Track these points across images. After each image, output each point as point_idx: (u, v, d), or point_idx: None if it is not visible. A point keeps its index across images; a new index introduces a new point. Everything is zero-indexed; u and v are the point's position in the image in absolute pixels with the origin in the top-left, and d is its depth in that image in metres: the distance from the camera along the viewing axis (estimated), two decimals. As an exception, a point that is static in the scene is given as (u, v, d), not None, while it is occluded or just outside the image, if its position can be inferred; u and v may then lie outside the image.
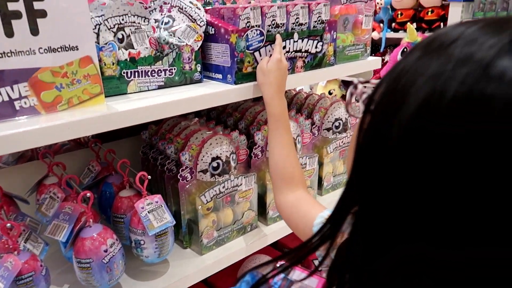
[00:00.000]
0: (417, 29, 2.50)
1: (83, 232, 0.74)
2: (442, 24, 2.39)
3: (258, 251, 1.04)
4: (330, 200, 1.19)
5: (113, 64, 0.79)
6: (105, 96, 0.76)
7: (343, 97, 2.82)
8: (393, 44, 2.94)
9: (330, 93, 2.69)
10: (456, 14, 2.18)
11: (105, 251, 0.73)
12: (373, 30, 2.69)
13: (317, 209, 0.71)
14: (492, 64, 0.29)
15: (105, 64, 0.78)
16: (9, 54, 0.62)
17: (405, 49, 2.50)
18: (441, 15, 2.33)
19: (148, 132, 1.06)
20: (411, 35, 2.43)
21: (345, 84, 3.12)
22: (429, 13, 2.37)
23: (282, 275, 0.56)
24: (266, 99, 0.85)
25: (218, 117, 1.20)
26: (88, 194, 0.73)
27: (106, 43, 0.80)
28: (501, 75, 0.28)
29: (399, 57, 2.59)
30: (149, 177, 0.81)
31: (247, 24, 0.86)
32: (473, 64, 0.29)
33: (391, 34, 2.80)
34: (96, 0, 0.80)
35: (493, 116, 0.28)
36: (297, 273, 0.56)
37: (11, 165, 1.03)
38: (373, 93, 0.37)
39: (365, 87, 0.43)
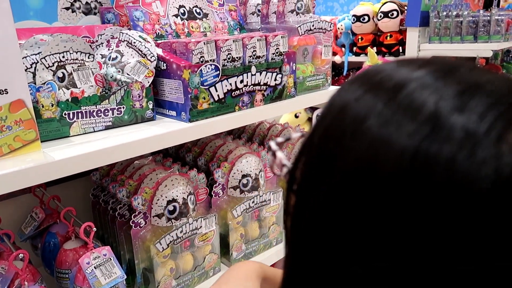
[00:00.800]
0: (378, 53, 2.55)
1: (16, 297, 0.65)
2: (400, 47, 2.45)
3: (223, 295, 0.97)
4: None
5: (52, 105, 0.72)
6: (45, 140, 0.69)
7: (310, 119, 2.83)
8: (355, 67, 2.99)
9: (296, 116, 2.69)
10: (413, 39, 2.25)
11: (43, 318, 0.65)
12: (335, 54, 2.73)
13: None
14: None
15: (43, 106, 0.71)
16: None
17: (367, 72, 2.55)
18: (399, 39, 2.39)
19: (98, 173, 0.98)
20: (372, 59, 2.47)
21: (311, 107, 3.14)
22: (388, 37, 2.43)
23: None
24: None
25: (176, 152, 1.14)
26: (21, 255, 0.64)
27: (44, 83, 0.73)
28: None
29: (361, 80, 2.63)
30: (95, 229, 0.73)
31: (201, 59, 0.81)
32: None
33: (353, 58, 2.85)
34: (33, 37, 0.74)
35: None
36: None
37: None
38: (293, 168, 0.35)
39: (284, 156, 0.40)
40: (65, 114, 0.73)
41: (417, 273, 0.27)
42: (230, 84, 0.86)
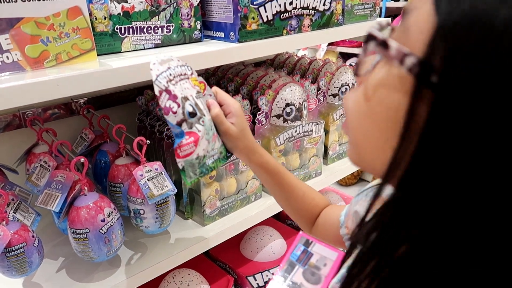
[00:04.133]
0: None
1: (77, 201, 0.69)
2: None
3: (262, 222, 1.00)
4: (336, 170, 1.14)
5: (105, 18, 0.71)
6: (98, 54, 0.69)
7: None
8: (392, 14, 2.85)
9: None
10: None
11: (103, 220, 0.68)
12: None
13: (340, 209, 0.66)
14: None
15: (96, 19, 0.71)
16: (-14, 1, 0.55)
17: (406, 18, 2.42)
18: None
19: (144, 98, 1.00)
20: (413, 3, 2.35)
21: (344, 56, 3.05)
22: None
23: (302, 247, 0.52)
24: (256, 162, 0.68)
25: (218, 83, 1.13)
26: (82, 160, 0.67)
27: (96, -5, 0.72)
28: None
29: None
30: (148, 141, 0.75)
31: (252, -25, 0.78)
32: None
33: (392, 4, 2.71)
34: None
35: None
36: (317, 246, 0.52)
37: (-3, 134, 0.96)
38: (429, 53, 0.27)
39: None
40: (117, 28, 0.73)
41: None
42: (280, 5, 0.83)
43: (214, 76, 1.16)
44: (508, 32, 0.24)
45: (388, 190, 0.33)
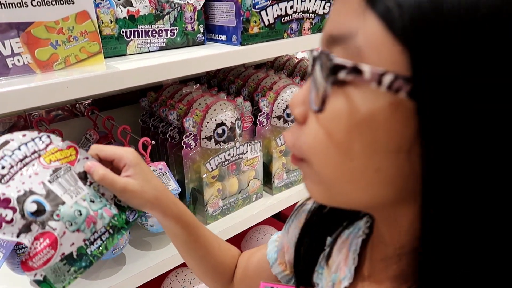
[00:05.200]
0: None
1: (84, 200, 0.70)
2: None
3: (262, 221, 1.02)
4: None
5: (111, 22, 0.73)
6: (104, 57, 0.71)
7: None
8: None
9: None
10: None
11: (109, 219, 0.70)
12: None
13: (258, 251, 0.61)
14: None
15: (102, 22, 0.73)
16: (-1, 6, 0.57)
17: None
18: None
19: (147, 100, 1.02)
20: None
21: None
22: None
23: None
24: (172, 214, 0.55)
25: (219, 85, 1.15)
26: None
27: (103, -1, 0.74)
28: None
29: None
30: (153, 142, 0.77)
31: (253, -20, 0.80)
32: None
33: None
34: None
35: None
36: None
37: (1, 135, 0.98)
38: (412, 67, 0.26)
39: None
40: (122, 32, 0.75)
41: None
42: (281, 9, 0.85)
43: (215, 78, 1.18)
44: (461, 13, 0.24)
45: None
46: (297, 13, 0.89)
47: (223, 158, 0.89)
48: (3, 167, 0.45)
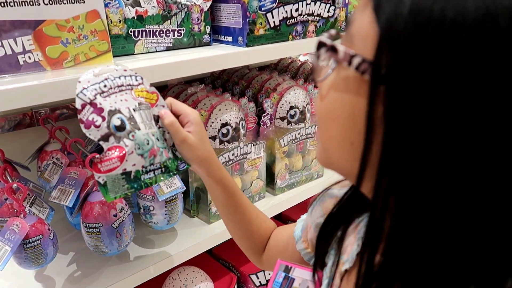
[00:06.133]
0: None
1: (91, 197, 0.71)
2: None
3: (265, 221, 1.03)
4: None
5: (120, 22, 0.75)
6: (113, 56, 0.72)
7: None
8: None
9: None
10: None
11: (115, 215, 0.71)
12: None
13: (289, 227, 0.64)
14: None
15: (111, 22, 0.74)
16: (11, 4, 0.58)
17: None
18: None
19: (152, 99, 1.03)
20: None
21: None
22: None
23: (283, 274, 0.53)
24: (215, 176, 0.63)
25: (223, 86, 1.16)
26: (97, 156, 0.69)
27: (112, -1, 0.75)
28: None
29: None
30: (159, 140, 0.78)
31: (260, -17, 0.82)
32: None
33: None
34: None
35: None
36: (297, 270, 0.54)
37: (7, 132, 0.99)
38: (378, 56, 0.29)
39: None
40: (131, 31, 0.76)
41: None
42: (286, 11, 0.86)
43: (219, 79, 1.19)
44: (446, 19, 0.27)
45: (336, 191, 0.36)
46: (302, 16, 0.90)
47: (227, 158, 0.90)
48: (105, 86, 0.55)
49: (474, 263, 0.30)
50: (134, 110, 0.56)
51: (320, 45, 0.34)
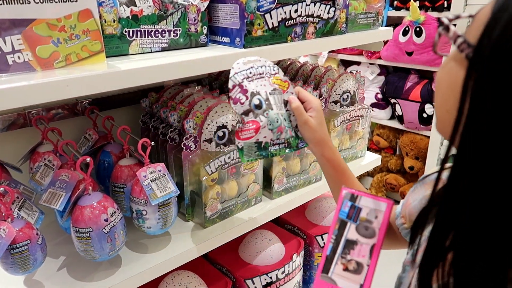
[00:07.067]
0: (420, 7, 2.44)
1: (81, 200, 0.70)
2: (445, 2, 2.34)
3: (261, 226, 1.01)
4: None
5: (114, 21, 0.73)
6: (106, 56, 0.70)
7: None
8: (393, 23, 2.88)
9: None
10: (461, -8, 2.13)
11: (106, 220, 0.69)
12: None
13: None
14: None
15: (105, 21, 0.72)
16: (0, 2, 0.56)
17: (407, 28, 2.45)
18: (445, -8, 2.28)
19: (148, 100, 1.01)
20: (414, 13, 2.37)
21: (344, 64, 3.07)
22: (433, -10, 2.31)
23: (349, 203, 0.54)
24: (328, 156, 0.74)
25: (221, 87, 1.15)
26: (88, 160, 0.68)
27: (106, -2, 0.73)
28: None
29: (400, 37, 2.54)
30: (152, 143, 0.76)
31: (258, -17, 0.80)
32: None
33: (393, 13, 2.74)
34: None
35: None
36: (363, 199, 0.54)
37: (0, 133, 0.97)
38: (482, 39, 0.37)
39: (455, 25, 0.41)
40: (125, 31, 0.74)
41: None
42: (285, 12, 0.85)
43: (217, 81, 1.17)
44: None
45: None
46: (301, 17, 0.88)
47: (223, 161, 0.88)
48: (250, 72, 0.71)
49: None
50: (269, 93, 0.71)
51: (440, 23, 0.42)
